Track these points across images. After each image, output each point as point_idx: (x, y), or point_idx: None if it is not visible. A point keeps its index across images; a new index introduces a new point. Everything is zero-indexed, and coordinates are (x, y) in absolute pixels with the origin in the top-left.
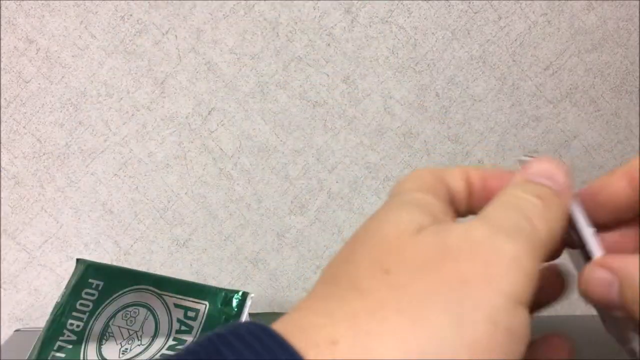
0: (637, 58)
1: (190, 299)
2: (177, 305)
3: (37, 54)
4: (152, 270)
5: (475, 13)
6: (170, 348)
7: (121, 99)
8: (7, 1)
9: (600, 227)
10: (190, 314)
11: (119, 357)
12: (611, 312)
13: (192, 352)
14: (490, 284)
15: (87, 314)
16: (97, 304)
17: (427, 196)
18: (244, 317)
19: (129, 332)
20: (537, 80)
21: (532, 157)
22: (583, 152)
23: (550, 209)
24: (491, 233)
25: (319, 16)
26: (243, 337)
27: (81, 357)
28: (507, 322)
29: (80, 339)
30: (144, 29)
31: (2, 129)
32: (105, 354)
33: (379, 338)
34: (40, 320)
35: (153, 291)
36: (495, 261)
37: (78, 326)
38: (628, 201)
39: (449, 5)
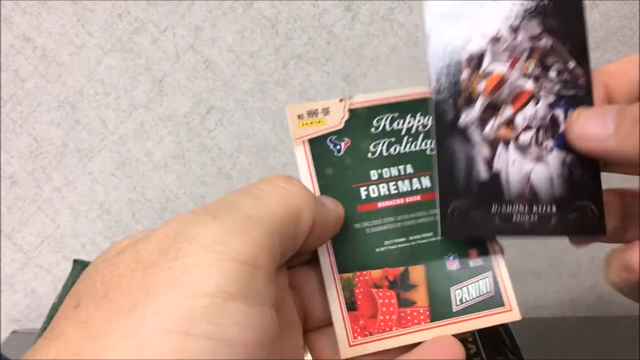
0: None
1: None
2: None
3: (33, 52)
4: None
5: None
6: None
7: (119, 97)
8: None
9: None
10: None
11: None
12: None
13: None
14: (173, 285)
15: None
16: None
17: None
18: None
19: None
20: None
21: None
22: None
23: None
24: (189, 220)
25: (319, 14)
26: None
27: None
28: (206, 327)
29: None
30: (141, 26)
31: None
32: None
33: None
34: (37, 321)
35: None
36: (183, 254)
37: None
38: None
39: None
